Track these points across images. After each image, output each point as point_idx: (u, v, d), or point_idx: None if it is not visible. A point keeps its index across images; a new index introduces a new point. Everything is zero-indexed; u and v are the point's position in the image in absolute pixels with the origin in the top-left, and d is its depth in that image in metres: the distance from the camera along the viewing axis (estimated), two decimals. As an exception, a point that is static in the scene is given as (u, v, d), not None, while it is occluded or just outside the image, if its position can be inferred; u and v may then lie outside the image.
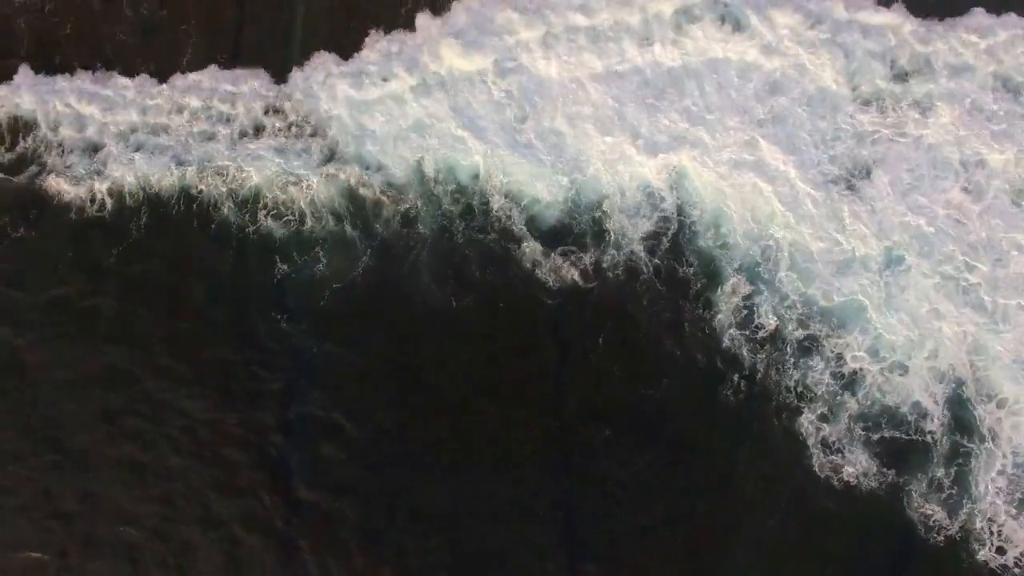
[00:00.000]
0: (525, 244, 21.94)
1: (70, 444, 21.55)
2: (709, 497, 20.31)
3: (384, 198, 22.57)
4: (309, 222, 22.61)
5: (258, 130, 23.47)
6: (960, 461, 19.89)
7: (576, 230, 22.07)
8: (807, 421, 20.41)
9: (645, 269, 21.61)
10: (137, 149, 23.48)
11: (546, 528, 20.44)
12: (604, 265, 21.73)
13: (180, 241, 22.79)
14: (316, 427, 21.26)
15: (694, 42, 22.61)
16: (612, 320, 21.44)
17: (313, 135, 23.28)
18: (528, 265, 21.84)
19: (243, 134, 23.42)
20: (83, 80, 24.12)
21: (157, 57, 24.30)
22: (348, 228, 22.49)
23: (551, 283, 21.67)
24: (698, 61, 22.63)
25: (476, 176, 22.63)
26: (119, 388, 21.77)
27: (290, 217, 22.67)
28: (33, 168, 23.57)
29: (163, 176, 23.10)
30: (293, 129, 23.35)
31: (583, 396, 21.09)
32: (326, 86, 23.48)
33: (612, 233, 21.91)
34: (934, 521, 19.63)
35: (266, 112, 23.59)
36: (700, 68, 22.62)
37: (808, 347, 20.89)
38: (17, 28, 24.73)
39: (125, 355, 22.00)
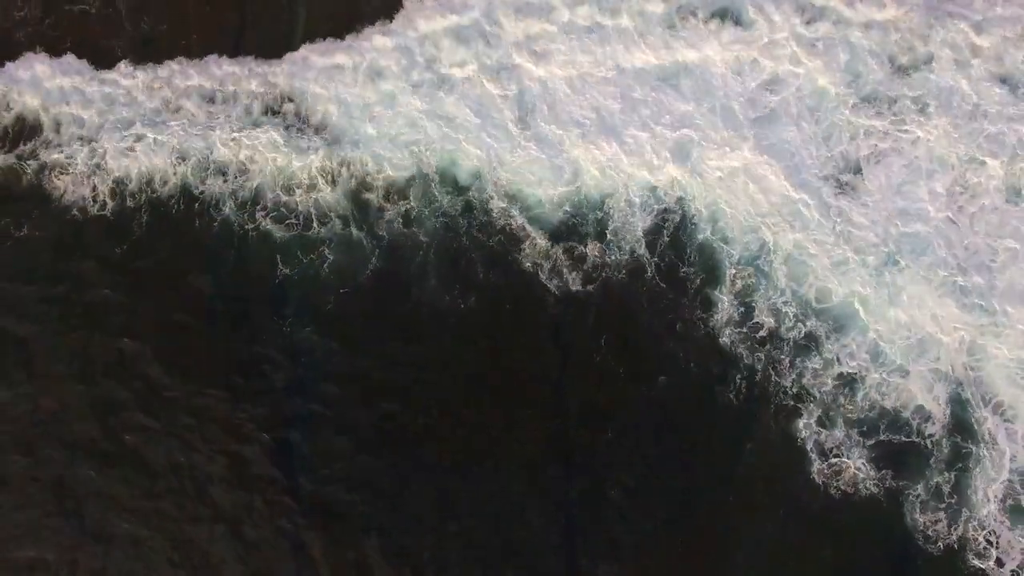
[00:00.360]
0: (526, 245, 22.00)
1: (75, 440, 21.82)
2: (710, 500, 20.41)
3: (385, 200, 22.63)
4: (311, 222, 22.67)
5: (257, 126, 23.43)
6: (959, 466, 19.88)
7: (577, 230, 22.07)
8: (806, 425, 20.45)
9: (646, 269, 21.64)
10: (138, 140, 23.49)
11: (547, 529, 20.65)
12: (605, 265, 21.75)
13: (185, 239, 22.91)
14: (320, 426, 21.49)
15: (691, 38, 22.39)
16: (613, 321, 21.50)
17: (314, 134, 23.27)
18: (529, 266, 21.91)
19: (242, 128, 23.44)
20: (83, 75, 24.23)
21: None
22: (349, 228, 22.57)
23: (552, 284, 21.73)
24: (694, 58, 22.45)
25: (477, 177, 22.63)
26: (125, 384, 22.02)
27: (293, 220, 22.74)
28: (35, 165, 23.67)
29: (164, 174, 23.20)
30: (291, 130, 23.34)
31: (585, 397, 21.21)
32: (320, 82, 23.52)
33: (612, 233, 21.91)
34: (932, 531, 19.66)
35: (265, 112, 23.58)
36: (697, 65, 22.44)
37: (807, 350, 20.88)
38: (16, 41, 24.71)
39: (132, 352, 22.23)
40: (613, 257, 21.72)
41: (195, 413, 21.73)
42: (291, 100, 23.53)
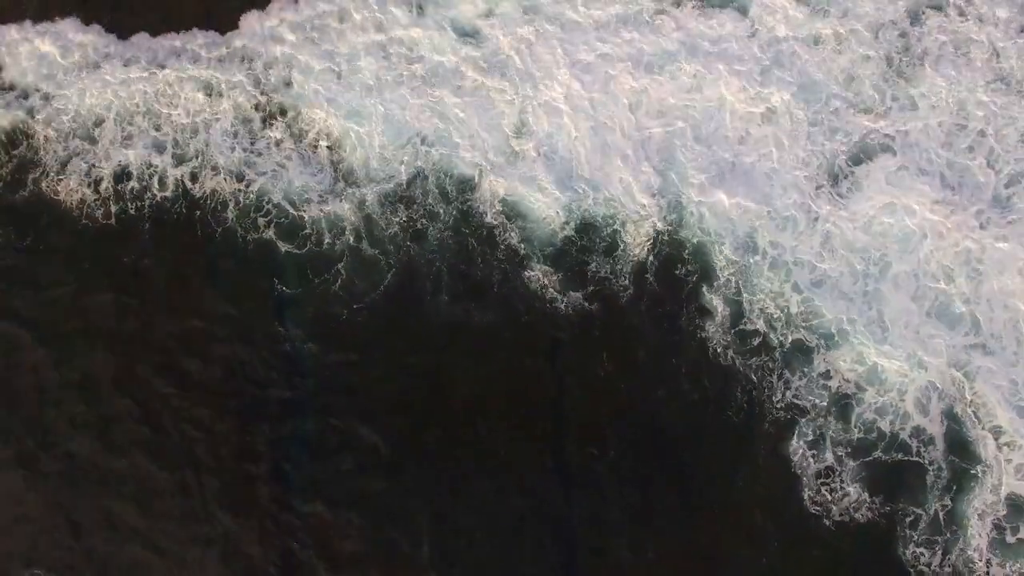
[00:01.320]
0: (521, 259, 22.05)
1: (75, 454, 21.46)
2: (708, 524, 20.51)
3: (385, 208, 22.55)
4: (322, 236, 22.54)
5: (251, 128, 23.27)
6: (953, 492, 20.00)
7: (574, 244, 22.15)
8: (799, 447, 20.57)
9: (642, 285, 21.76)
10: (129, 137, 23.23)
11: (547, 548, 20.72)
12: (608, 279, 21.83)
13: (188, 248, 22.68)
14: (323, 441, 21.38)
15: (684, 29, 22.73)
16: (614, 334, 21.59)
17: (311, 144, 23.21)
18: (530, 279, 21.94)
19: (236, 130, 23.28)
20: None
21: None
22: (356, 240, 22.43)
23: (550, 300, 21.77)
24: (687, 52, 22.75)
25: (477, 184, 22.59)
26: (129, 397, 21.72)
27: (308, 230, 22.53)
28: (35, 171, 23.29)
29: (163, 176, 22.92)
30: (289, 142, 23.21)
31: (585, 413, 21.26)
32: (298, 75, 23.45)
33: (607, 247, 22.06)
34: (925, 563, 19.77)
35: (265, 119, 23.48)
36: (689, 58, 22.71)
37: (801, 368, 20.99)
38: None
39: (136, 363, 21.94)
40: (610, 271, 21.82)
41: (203, 427, 21.52)
42: (284, 112, 23.39)
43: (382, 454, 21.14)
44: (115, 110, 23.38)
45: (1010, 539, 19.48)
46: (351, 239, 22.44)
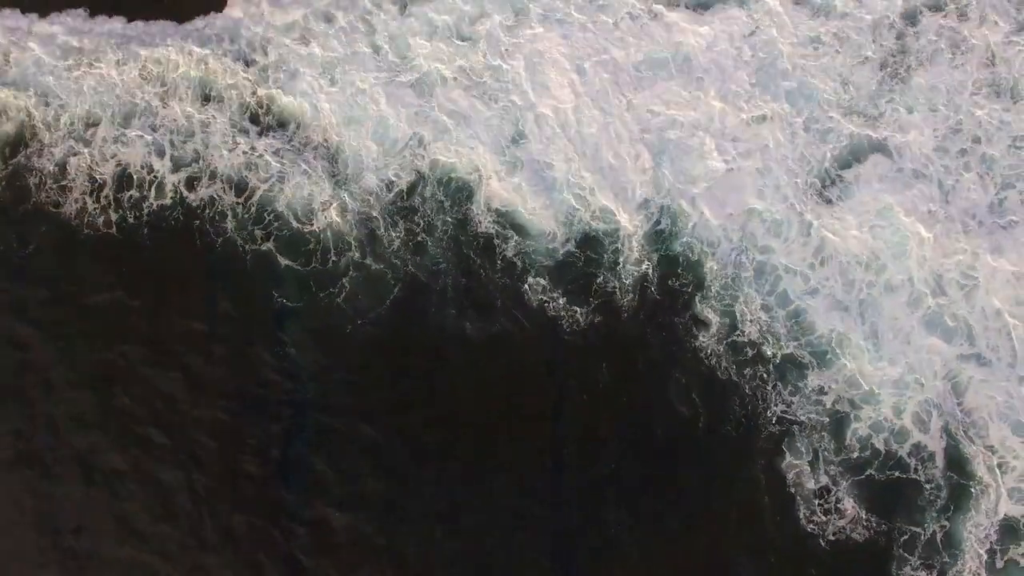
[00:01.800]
0: (519, 271, 22.05)
1: (76, 454, 21.48)
2: (705, 532, 20.66)
3: (387, 221, 22.54)
4: (311, 245, 22.53)
5: (249, 136, 23.14)
6: (951, 512, 20.08)
7: (572, 254, 22.15)
8: (798, 465, 20.61)
9: (638, 296, 21.77)
10: (127, 144, 23.09)
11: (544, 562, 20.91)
12: (600, 293, 21.86)
13: (191, 253, 22.62)
14: (326, 446, 21.47)
15: (680, 30, 22.60)
16: (614, 345, 21.65)
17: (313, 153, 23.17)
18: (523, 295, 21.96)
19: (234, 132, 23.16)
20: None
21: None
22: (355, 252, 22.43)
23: (548, 313, 21.80)
24: (683, 55, 22.65)
25: (471, 199, 22.54)
26: (130, 397, 21.74)
27: (310, 243, 22.52)
28: (32, 178, 23.18)
29: (161, 184, 22.85)
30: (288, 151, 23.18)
31: (584, 426, 21.38)
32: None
33: (603, 253, 22.07)
34: None
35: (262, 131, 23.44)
36: (684, 57, 22.65)
37: (795, 383, 21.04)
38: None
39: (138, 364, 21.94)
40: (615, 278, 21.83)
41: (205, 429, 21.57)
42: (285, 124, 23.32)
43: (383, 455, 21.26)
44: (111, 111, 23.29)
45: (999, 563, 19.66)
46: (356, 254, 22.44)
